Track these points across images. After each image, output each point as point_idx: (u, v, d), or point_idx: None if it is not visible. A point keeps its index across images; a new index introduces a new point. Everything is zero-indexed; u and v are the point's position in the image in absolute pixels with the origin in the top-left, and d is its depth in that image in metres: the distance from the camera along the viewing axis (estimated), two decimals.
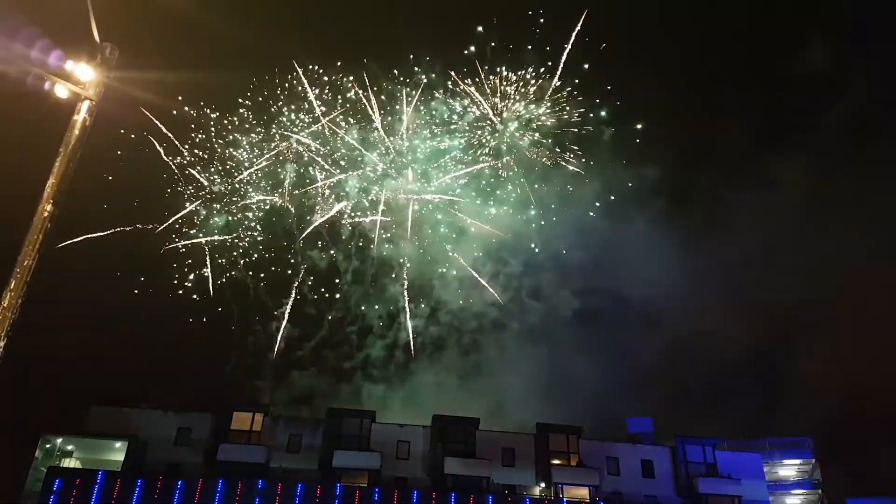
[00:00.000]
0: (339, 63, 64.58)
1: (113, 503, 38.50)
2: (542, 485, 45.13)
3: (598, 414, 57.89)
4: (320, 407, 54.08)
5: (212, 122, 62.70)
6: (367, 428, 45.35)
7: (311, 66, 63.63)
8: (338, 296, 68.80)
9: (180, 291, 60.77)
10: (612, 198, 71.80)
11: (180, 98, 59.40)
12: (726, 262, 77.66)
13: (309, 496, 40.18)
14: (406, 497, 41.12)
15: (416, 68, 66.03)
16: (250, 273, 64.66)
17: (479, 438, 45.67)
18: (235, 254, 64.26)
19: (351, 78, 64.98)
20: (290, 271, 66.53)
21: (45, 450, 41.82)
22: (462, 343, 71.52)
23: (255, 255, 66.15)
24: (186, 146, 61.71)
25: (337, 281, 68.87)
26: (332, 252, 67.65)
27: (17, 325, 12.64)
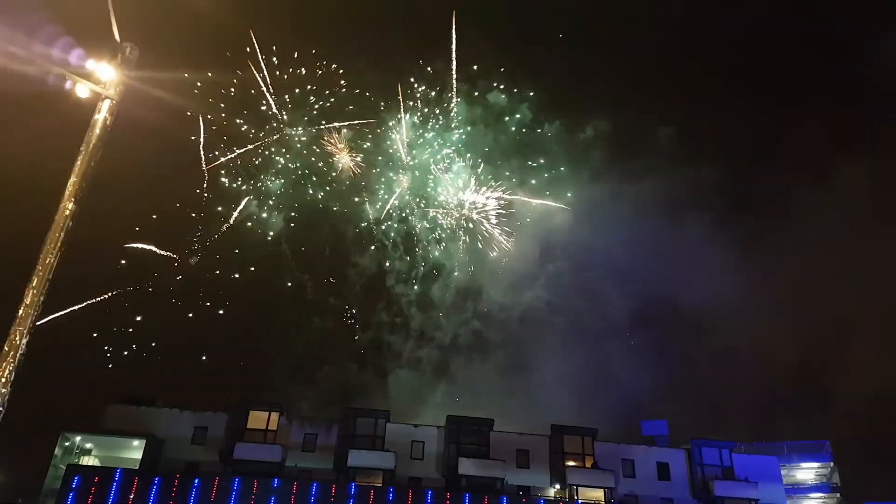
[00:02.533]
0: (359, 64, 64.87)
1: (130, 501, 38.85)
2: (557, 486, 44.97)
3: (638, 418, 56.46)
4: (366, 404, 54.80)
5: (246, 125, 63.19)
6: (381, 428, 45.42)
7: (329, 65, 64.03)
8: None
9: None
10: (670, 201, 71.15)
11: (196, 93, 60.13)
12: (785, 269, 75.50)
13: (324, 495, 40.30)
14: (420, 497, 41.13)
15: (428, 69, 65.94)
16: (306, 274, 65.36)
17: (493, 439, 45.59)
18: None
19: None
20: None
21: (64, 447, 42.32)
22: (505, 343, 71.40)
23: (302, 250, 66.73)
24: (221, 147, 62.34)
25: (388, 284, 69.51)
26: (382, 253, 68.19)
27: (39, 323, 12.77)
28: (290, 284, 66.09)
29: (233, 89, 60.82)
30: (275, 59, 61.29)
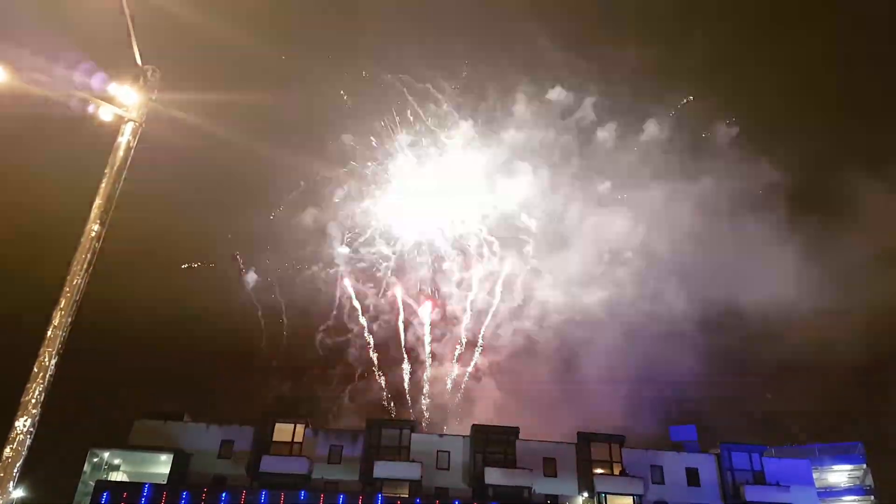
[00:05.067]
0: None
1: None
2: (585, 494, 44.50)
3: (685, 423, 54.76)
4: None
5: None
6: (406, 438, 45.30)
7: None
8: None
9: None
10: (734, 199, 70.07)
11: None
12: (846, 270, 72.75)
13: None
14: None
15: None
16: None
17: (519, 448, 45.27)
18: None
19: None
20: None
21: (92, 463, 42.69)
22: (553, 348, 70.92)
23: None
24: None
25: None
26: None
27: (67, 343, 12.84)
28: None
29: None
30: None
